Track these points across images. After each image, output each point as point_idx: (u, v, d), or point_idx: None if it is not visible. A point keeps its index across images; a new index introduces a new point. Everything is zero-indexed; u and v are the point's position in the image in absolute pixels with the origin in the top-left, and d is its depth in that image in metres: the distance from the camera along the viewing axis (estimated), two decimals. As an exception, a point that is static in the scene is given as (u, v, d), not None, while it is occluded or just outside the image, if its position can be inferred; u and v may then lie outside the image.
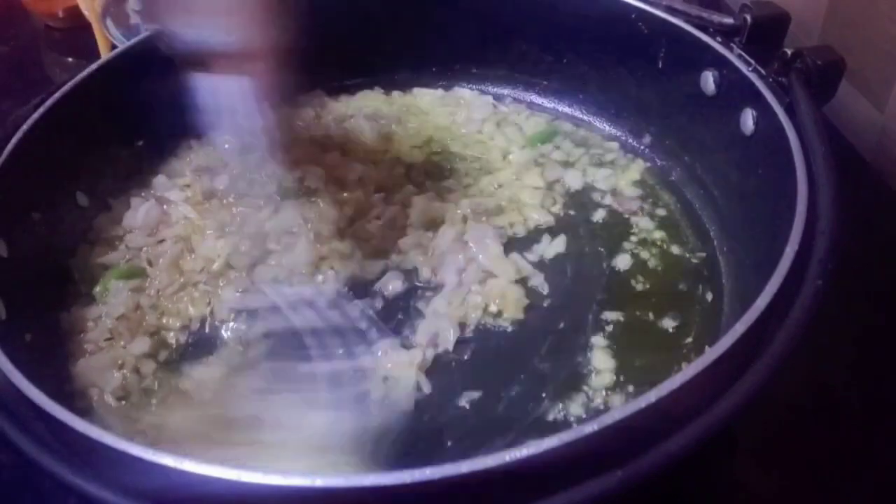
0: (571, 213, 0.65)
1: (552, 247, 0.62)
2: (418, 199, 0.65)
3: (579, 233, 0.63)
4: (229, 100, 0.52)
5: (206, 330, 0.57)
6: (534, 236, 0.63)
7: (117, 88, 0.65)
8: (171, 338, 0.56)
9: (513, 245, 0.62)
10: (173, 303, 0.58)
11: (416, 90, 0.78)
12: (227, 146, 0.69)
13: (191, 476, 0.35)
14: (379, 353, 0.54)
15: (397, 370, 0.53)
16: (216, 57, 0.51)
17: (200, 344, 0.56)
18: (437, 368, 0.54)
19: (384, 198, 0.66)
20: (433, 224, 0.63)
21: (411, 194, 0.66)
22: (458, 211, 0.64)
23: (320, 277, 0.59)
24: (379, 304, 0.58)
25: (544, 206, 0.65)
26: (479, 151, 0.71)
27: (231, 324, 0.57)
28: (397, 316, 0.57)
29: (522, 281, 0.59)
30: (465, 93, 0.78)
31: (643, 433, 0.36)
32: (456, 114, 0.75)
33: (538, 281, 0.59)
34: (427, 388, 0.52)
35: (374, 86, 0.79)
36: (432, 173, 0.69)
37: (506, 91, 0.78)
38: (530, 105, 0.77)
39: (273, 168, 0.63)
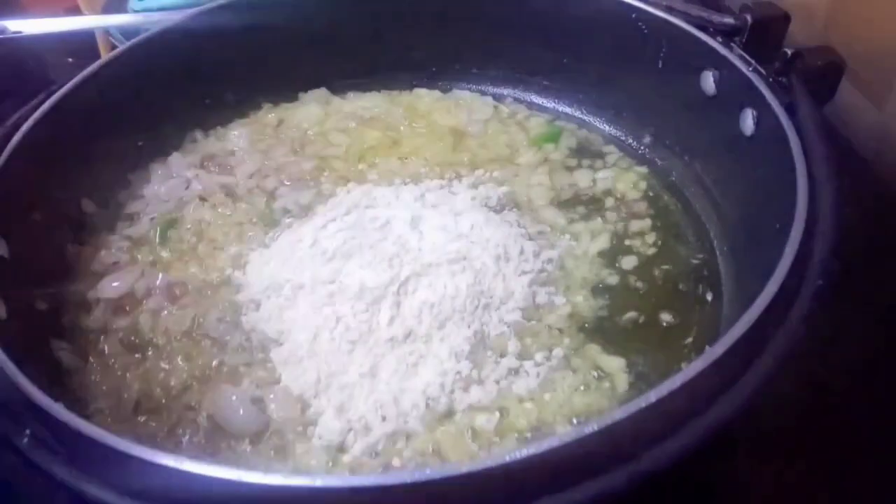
0: (575, 213, 0.65)
1: (558, 247, 0.62)
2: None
3: (583, 233, 0.63)
4: None
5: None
6: (542, 237, 0.63)
7: (117, 88, 0.65)
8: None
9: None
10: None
11: (416, 90, 0.79)
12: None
13: (191, 476, 0.35)
14: None
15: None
16: None
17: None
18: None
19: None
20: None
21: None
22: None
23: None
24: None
25: (553, 205, 0.66)
26: (485, 153, 0.71)
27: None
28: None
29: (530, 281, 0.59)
30: (464, 94, 0.78)
31: (643, 433, 0.36)
32: (458, 115, 0.76)
33: (544, 280, 0.59)
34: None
35: (376, 85, 0.79)
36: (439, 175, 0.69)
37: (506, 91, 0.78)
38: (530, 105, 0.77)
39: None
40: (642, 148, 0.71)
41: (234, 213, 0.65)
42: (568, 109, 0.76)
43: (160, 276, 0.59)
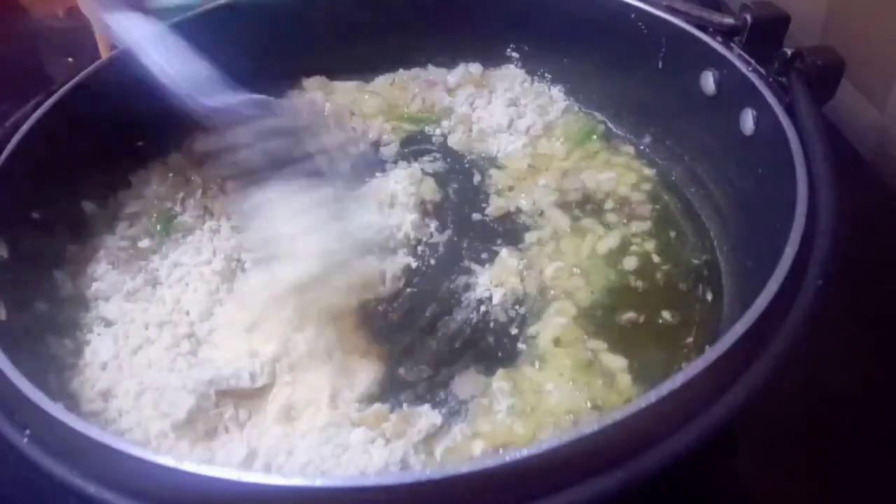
0: (578, 214, 0.65)
1: (563, 246, 0.62)
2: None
3: (587, 234, 0.63)
4: None
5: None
6: (547, 234, 0.63)
7: (117, 88, 0.65)
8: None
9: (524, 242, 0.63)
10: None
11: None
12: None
13: (191, 476, 0.35)
14: None
15: None
16: None
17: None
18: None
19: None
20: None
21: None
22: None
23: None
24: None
25: (557, 206, 0.66)
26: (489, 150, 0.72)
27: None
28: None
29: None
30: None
31: (643, 433, 0.36)
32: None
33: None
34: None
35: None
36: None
37: (506, 90, 0.78)
38: (530, 105, 0.77)
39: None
40: (642, 148, 0.71)
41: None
42: (568, 109, 0.76)
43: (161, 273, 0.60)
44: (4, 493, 0.51)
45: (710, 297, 0.58)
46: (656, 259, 0.61)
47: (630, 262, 0.61)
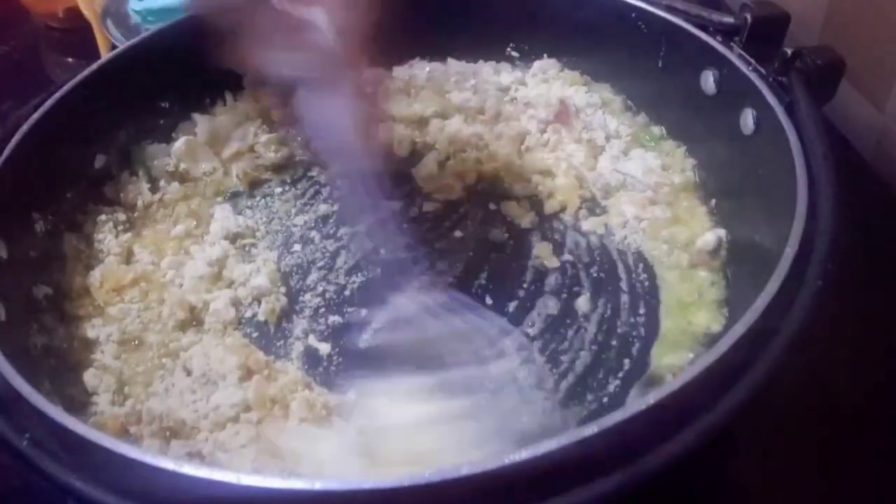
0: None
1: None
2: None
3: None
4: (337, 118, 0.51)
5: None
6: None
7: (117, 89, 0.65)
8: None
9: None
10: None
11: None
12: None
13: (190, 479, 0.35)
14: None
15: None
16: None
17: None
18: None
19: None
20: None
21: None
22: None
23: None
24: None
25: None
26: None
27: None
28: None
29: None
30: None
31: (643, 434, 0.36)
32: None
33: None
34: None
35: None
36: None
37: (506, 91, 0.78)
38: (530, 104, 0.77)
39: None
40: (642, 147, 0.71)
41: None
42: (567, 109, 0.76)
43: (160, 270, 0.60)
44: (4, 495, 0.51)
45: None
46: (656, 259, 0.61)
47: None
